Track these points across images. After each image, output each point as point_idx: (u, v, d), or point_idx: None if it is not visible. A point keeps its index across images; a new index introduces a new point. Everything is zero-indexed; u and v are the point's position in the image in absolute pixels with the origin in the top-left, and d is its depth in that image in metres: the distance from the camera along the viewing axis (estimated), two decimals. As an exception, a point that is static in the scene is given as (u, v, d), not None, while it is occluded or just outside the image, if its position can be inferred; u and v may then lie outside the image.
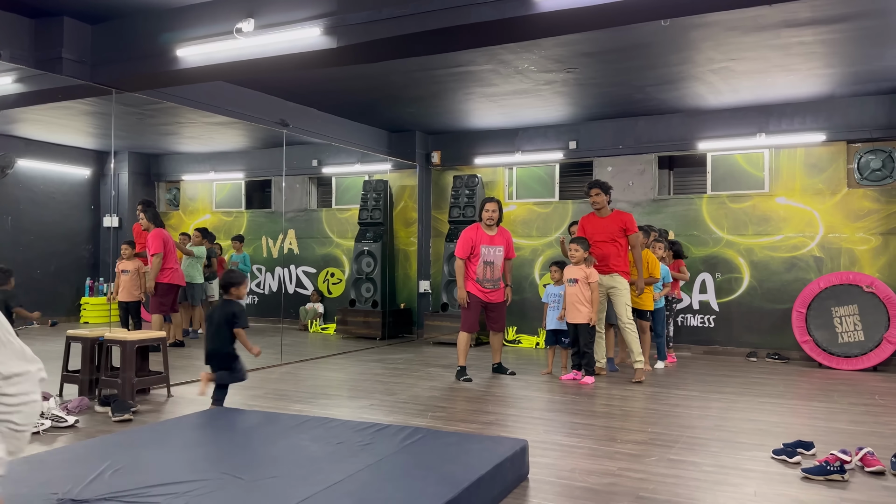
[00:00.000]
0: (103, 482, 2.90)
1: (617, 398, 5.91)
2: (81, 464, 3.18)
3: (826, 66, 6.76)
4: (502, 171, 10.14)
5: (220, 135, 10.17)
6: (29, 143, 8.98)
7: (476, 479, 3.01)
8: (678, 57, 6.49)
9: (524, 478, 3.64)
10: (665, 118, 8.90)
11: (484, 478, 3.09)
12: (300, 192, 11.46)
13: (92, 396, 5.54)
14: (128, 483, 2.89)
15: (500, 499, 3.30)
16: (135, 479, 2.94)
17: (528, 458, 3.72)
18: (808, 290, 7.95)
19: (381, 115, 9.25)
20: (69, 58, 5.87)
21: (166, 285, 7.93)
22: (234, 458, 3.31)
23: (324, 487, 2.84)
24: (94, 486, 2.86)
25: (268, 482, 2.93)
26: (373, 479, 3.00)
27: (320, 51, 5.18)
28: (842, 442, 4.43)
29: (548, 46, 6.22)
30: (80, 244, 9.67)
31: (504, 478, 3.36)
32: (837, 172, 8.20)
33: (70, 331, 6.15)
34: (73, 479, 2.93)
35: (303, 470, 3.09)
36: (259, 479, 2.96)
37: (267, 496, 2.77)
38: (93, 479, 2.94)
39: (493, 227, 6.88)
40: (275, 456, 3.33)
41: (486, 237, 6.82)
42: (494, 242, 6.84)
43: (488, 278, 6.80)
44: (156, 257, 7.69)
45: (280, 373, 7.09)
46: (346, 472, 3.07)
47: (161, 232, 7.86)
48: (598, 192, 6.83)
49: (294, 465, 3.18)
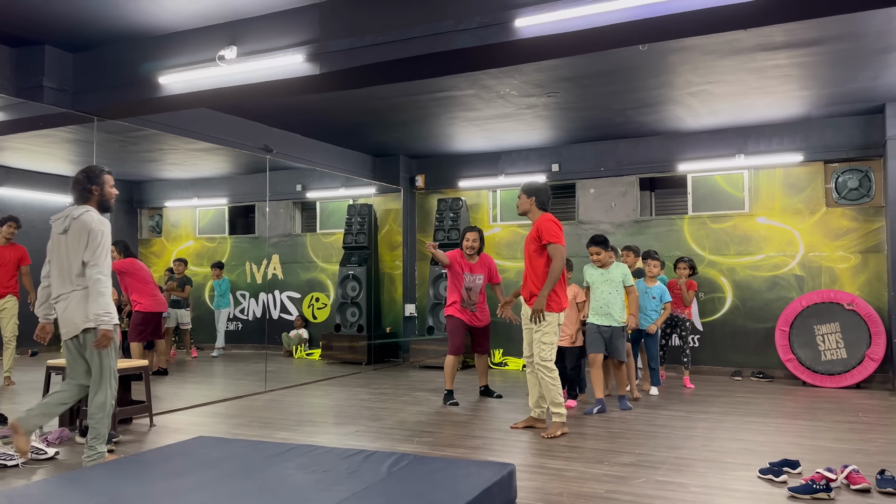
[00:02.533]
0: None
1: (604, 420, 5.90)
2: (62, 497, 3.11)
3: (801, 88, 6.89)
4: (486, 193, 10.20)
5: (203, 161, 10.15)
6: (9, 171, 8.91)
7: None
8: (657, 81, 6.60)
9: (512, 503, 3.61)
10: (645, 140, 9.01)
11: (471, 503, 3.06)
12: (284, 217, 11.44)
13: (73, 427, 5.45)
14: None
15: None
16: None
17: (515, 483, 3.69)
18: (791, 308, 8.02)
19: (364, 139, 9.29)
20: (50, 86, 5.85)
21: (147, 313, 7.89)
22: (217, 489, 3.25)
23: None
24: None
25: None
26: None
27: (303, 77, 5.21)
28: (827, 460, 4.45)
29: (529, 72, 6.30)
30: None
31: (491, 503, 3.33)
32: (816, 192, 8.32)
33: (50, 361, 6.06)
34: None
35: (288, 500, 3.04)
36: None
37: None
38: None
39: (473, 255, 6.91)
40: (259, 486, 3.28)
41: (467, 265, 6.88)
42: (475, 271, 6.89)
43: (469, 302, 6.87)
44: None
45: (264, 400, 7.02)
46: (332, 500, 3.02)
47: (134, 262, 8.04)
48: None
49: (279, 494, 3.13)
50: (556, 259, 5.20)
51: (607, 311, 6.28)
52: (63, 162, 9.13)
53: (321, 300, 11.08)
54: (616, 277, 6.36)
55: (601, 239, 6.40)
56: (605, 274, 6.36)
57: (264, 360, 8.58)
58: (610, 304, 6.28)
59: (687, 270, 7.63)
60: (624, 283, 6.41)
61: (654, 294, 7.16)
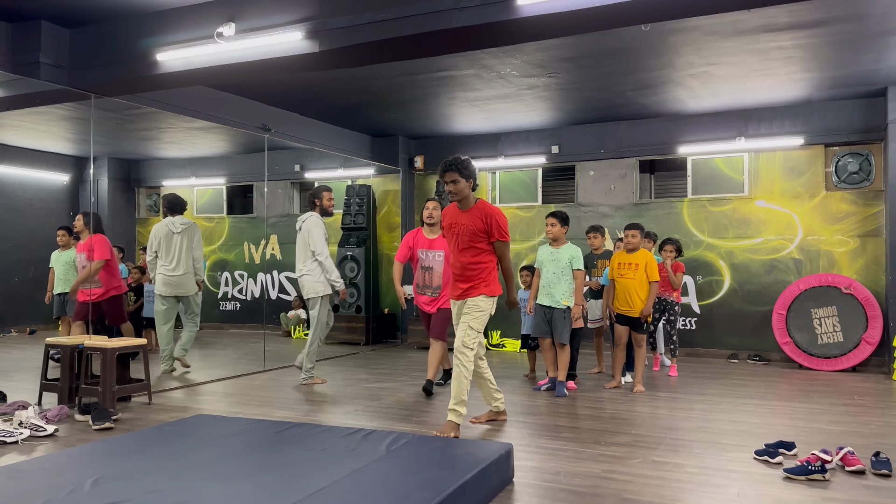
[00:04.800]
0: (84, 493, 2.86)
1: (600, 401, 5.93)
2: (62, 474, 3.13)
3: (804, 71, 6.85)
4: (485, 175, 10.16)
5: (200, 140, 10.10)
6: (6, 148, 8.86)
7: (461, 484, 3.00)
8: (658, 62, 6.55)
9: (509, 481, 3.64)
10: (646, 122, 8.97)
11: (469, 482, 3.08)
12: (282, 198, 11.40)
13: (72, 405, 5.47)
14: (109, 493, 2.84)
15: (485, 503, 3.29)
16: (117, 489, 2.90)
17: (513, 462, 3.72)
18: (788, 291, 8.03)
19: (363, 119, 9.24)
20: (47, 62, 5.80)
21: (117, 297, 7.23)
22: (216, 466, 3.27)
23: (308, 494, 2.81)
24: (74, 496, 2.81)
25: (251, 489, 2.90)
26: (358, 485, 2.98)
27: (302, 55, 5.16)
28: (822, 442, 4.48)
29: (530, 51, 6.25)
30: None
31: (489, 482, 3.35)
32: (816, 175, 8.30)
33: (49, 339, 6.07)
34: (54, 489, 2.89)
35: (287, 477, 3.07)
36: (242, 487, 2.94)
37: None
38: (73, 489, 2.89)
39: (434, 228, 6.22)
40: (259, 463, 3.30)
41: (425, 240, 6.22)
42: (434, 247, 6.17)
43: (427, 285, 6.22)
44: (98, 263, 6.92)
45: (263, 379, 7.03)
46: (331, 478, 3.05)
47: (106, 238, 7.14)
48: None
49: (278, 472, 3.15)
50: (508, 258, 4.71)
51: (549, 292, 6.15)
52: (60, 140, 9.08)
53: (319, 281, 11.07)
54: (563, 258, 6.14)
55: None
56: (554, 253, 6.19)
57: (263, 340, 8.59)
58: (552, 285, 6.14)
59: (673, 253, 7.31)
60: (572, 265, 6.12)
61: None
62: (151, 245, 7.26)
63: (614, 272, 6.48)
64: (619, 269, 6.43)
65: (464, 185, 4.59)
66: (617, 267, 6.46)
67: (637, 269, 6.34)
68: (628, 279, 6.36)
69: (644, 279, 6.31)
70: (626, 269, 6.39)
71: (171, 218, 7.31)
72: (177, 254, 7.17)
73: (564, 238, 6.26)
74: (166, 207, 7.37)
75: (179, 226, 7.26)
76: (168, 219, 7.31)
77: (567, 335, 6.14)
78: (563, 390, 6.12)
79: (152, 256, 7.24)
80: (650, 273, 6.31)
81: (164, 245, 7.20)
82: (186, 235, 7.26)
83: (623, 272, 6.40)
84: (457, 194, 4.60)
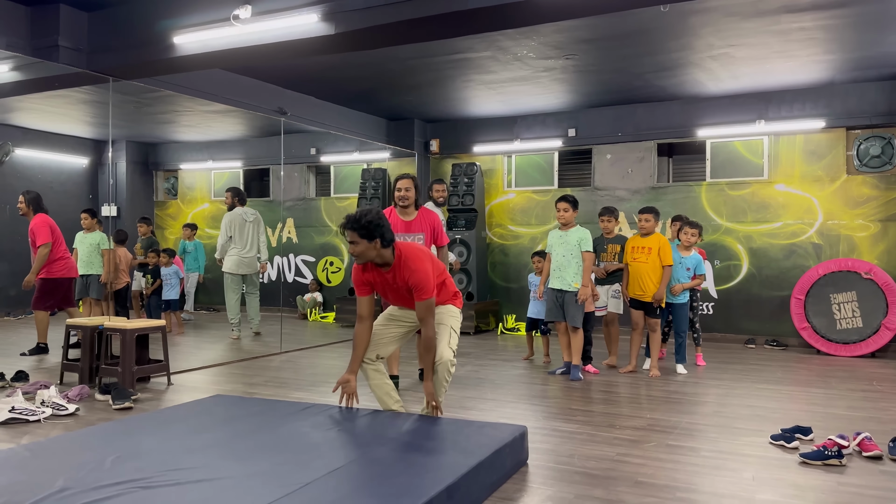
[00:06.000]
0: (104, 470, 2.90)
1: (615, 385, 5.92)
2: (82, 452, 3.19)
3: (826, 52, 6.73)
4: (501, 158, 10.13)
5: (217, 123, 10.13)
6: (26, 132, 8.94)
7: (475, 465, 3.01)
8: (677, 43, 6.47)
9: (523, 463, 3.65)
10: (664, 105, 8.88)
11: (483, 464, 3.08)
12: (298, 181, 11.44)
13: (92, 385, 5.55)
14: (129, 470, 2.89)
15: (499, 484, 3.31)
16: (136, 467, 2.94)
17: (527, 444, 3.73)
18: (807, 276, 7.95)
19: (379, 103, 9.22)
20: (65, 45, 5.84)
21: (55, 280, 6.77)
22: (233, 445, 3.31)
23: (324, 473, 2.85)
24: (95, 473, 2.86)
25: (268, 468, 2.94)
26: (372, 464, 3.01)
27: (318, 37, 5.16)
28: (840, 427, 4.45)
29: (547, 33, 6.19)
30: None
31: (503, 464, 3.36)
32: (837, 159, 8.18)
33: (69, 320, 6.16)
34: (75, 466, 2.94)
35: (303, 456, 3.10)
36: (259, 466, 2.97)
37: (267, 482, 2.77)
38: (93, 467, 2.94)
39: (408, 209, 5.56)
40: (275, 443, 3.34)
41: (400, 223, 5.50)
42: (411, 229, 5.51)
43: None
44: (44, 247, 6.65)
45: (280, 361, 7.10)
46: (347, 458, 3.08)
47: (46, 218, 6.80)
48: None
49: (294, 451, 3.18)
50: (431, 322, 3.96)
51: (560, 275, 6.15)
52: (79, 123, 9.14)
53: (335, 264, 11.13)
54: (572, 240, 6.11)
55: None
56: (563, 237, 6.19)
57: (279, 322, 8.66)
58: (563, 268, 6.13)
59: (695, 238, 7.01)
60: (580, 247, 6.08)
61: (689, 265, 6.58)
62: (227, 230, 8.38)
63: (628, 256, 6.45)
64: (633, 253, 6.40)
65: (366, 247, 3.77)
66: (630, 251, 6.43)
67: (650, 254, 6.29)
68: (641, 263, 6.33)
69: (657, 263, 6.27)
70: (639, 253, 6.35)
71: (242, 208, 8.54)
72: (249, 239, 8.49)
73: (574, 221, 6.25)
74: (236, 198, 8.54)
75: (251, 215, 8.56)
76: (240, 209, 8.51)
77: (580, 318, 6.13)
78: (578, 374, 6.12)
79: (226, 240, 8.39)
80: (664, 257, 6.26)
81: (238, 231, 8.41)
82: (255, 224, 8.60)
83: (636, 256, 6.36)
84: (359, 257, 3.84)
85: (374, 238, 3.77)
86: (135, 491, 2.67)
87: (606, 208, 6.81)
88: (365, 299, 4.06)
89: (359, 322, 4.06)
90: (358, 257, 3.85)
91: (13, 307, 8.47)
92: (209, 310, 11.09)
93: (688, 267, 6.59)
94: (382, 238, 3.79)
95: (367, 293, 4.06)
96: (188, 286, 9.98)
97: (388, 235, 3.82)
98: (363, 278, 4.02)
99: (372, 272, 3.99)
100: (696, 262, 6.63)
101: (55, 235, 6.81)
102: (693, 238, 6.66)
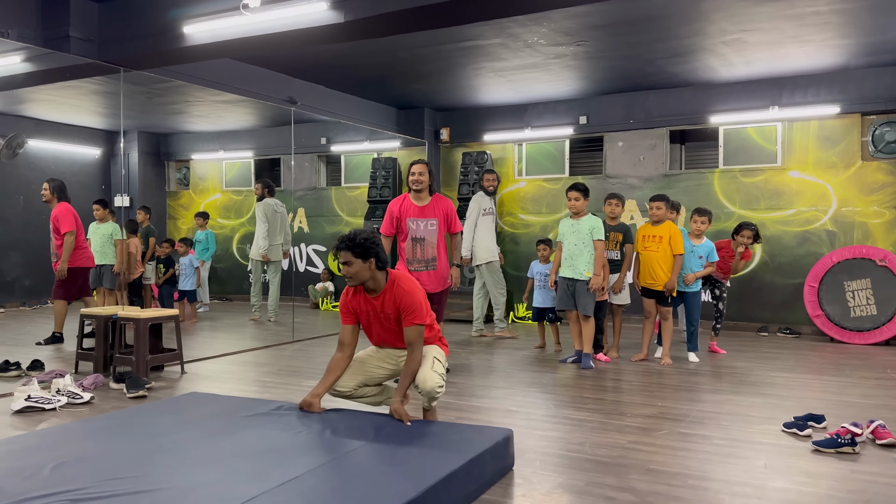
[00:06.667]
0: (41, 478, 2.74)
1: (626, 373, 5.91)
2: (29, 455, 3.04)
3: (841, 37, 6.64)
4: (511, 147, 10.09)
5: (228, 113, 10.15)
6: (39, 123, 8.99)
7: (446, 475, 2.77)
8: (690, 29, 6.40)
9: (508, 470, 3.39)
10: (676, 92, 8.80)
11: (457, 473, 2.85)
12: (309, 171, 11.45)
13: (107, 373, 5.61)
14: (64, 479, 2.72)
15: (476, 495, 3.05)
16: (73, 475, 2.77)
17: (512, 449, 3.47)
18: (821, 264, 7.89)
19: (389, 91, 9.20)
20: (76, 36, 5.85)
21: (75, 269, 6.86)
22: (188, 451, 3.10)
23: (276, 485, 2.63)
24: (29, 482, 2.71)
25: (217, 478, 2.73)
26: (333, 474, 2.78)
27: (327, 25, 5.14)
28: (853, 415, 4.42)
29: (557, 19, 6.14)
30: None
31: (482, 472, 3.11)
32: (851, 145, 8.09)
33: (84, 309, 6.22)
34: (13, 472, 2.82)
35: (260, 464, 2.88)
36: (210, 475, 2.76)
37: (210, 496, 2.54)
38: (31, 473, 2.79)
39: (422, 195, 5.57)
40: (233, 448, 3.12)
41: (415, 208, 5.53)
42: (425, 215, 5.54)
43: (418, 258, 5.54)
44: (69, 235, 6.74)
45: (292, 350, 7.14)
46: (307, 466, 2.85)
47: (69, 207, 6.88)
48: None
49: (251, 458, 2.97)
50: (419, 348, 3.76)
51: (571, 264, 6.14)
52: (91, 114, 9.18)
53: (346, 253, 11.14)
54: (584, 229, 6.10)
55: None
56: (575, 225, 6.18)
57: (291, 312, 8.70)
58: (575, 257, 6.12)
59: (749, 240, 6.72)
60: (592, 235, 6.08)
61: (701, 253, 6.47)
62: (264, 219, 9.01)
63: (639, 245, 6.41)
64: (644, 242, 6.36)
65: (360, 267, 3.66)
66: (641, 239, 6.40)
67: (661, 242, 6.26)
68: (651, 252, 6.29)
69: (668, 252, 6.24)
70: (650, 242, 6.32)
71: (272, 199, 9.14)
72: (279, 228, 9.15)
73: (585, 210, 6.22)
74: (266, 189, 9.13)
75: (280, 207, 9.20)
76: (270, 199, 9.11)
77: (591, 307, 6.11)
78: (590, 362, 6.11)
79: (265, 228, 9.00)
80: (674, 246, 6.22)
81: (271, 220, 9.03)
82: (282, 215, 9.24)
83: (647, 244, 6.33)
84: (353, 279, 3.72)
85: (368, 257, 3.64)
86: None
87: (614, 194, 6.71)
88: (348, 328, 3.86)
89: (338, 349, 3.85)
90: (351, 279, 3.70)
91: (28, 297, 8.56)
92: (222, 299, 11.16)
93: (700, 255, 6.49)
94: (377, 258, 3.67)
95: (351, 322, 3.87)
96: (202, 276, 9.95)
97: (382, 256, 3.70)
98: (350, 306, 3.85)
99: (360, 298, 3.81)
100: (708, 250, 6.53)
101: (77, 224, 6.91)
102: (703, 226, 6.55)
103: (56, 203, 6.90)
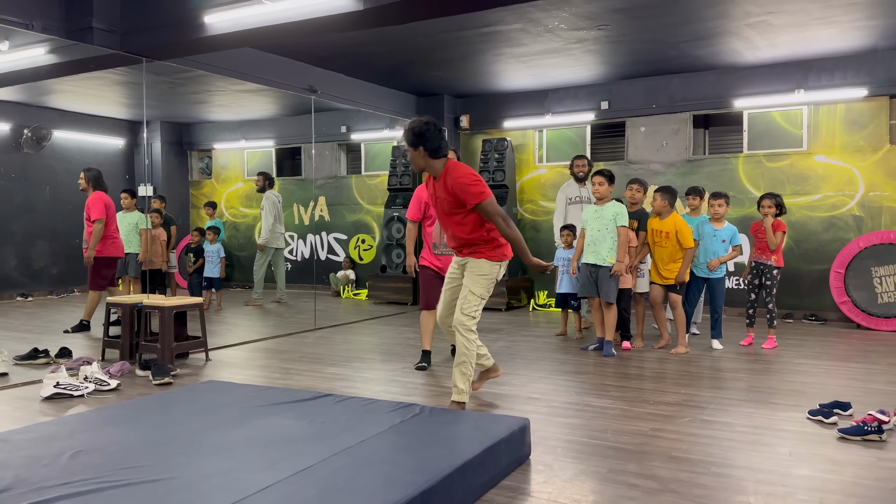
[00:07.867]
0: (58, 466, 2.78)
1: (648, 360, 5.88)
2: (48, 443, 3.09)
3: (868, 18, 6.50)
4: (532, 133, 10.03)
5: (249, 102, 10.20)
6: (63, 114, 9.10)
7: (460, 465, 2.76)
8: (714, 11, 6.30)
9: (525, 459, 3.37)
10: (700, 75, 8.68)
11: (471, 463, 2.83)
12: (329, 159, 11.48)
13: (133, 361, 5.69)
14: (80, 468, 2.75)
15: (491, 484, 3.02)
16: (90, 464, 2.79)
17: (529, 438, 3.44)
18: (847, 250, 7.77)
19: (408, 79, 9.18)
20: (99, 27, 5.90)
21: (107, 258, 7.00)
22: (202, 440, 3.12)
23: (290, 474, 2.63)
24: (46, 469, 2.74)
25: (230, 468, 2.74)
26: (346, 464, 2.77)
27: (347, 13, 5.14)
28: (880, 402, 4.37)
29: (578, 3, 6.07)
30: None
31: (497, 462, 3.07)
32: (879, 129, 7.93)
33: (110, 298, 6.31)
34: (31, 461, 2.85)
35: (274, 453, 2.89)
36: (223, 464, 2.77)
37: (223, 486, 2.55)
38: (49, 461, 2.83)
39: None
40: (247, 437, 3.13)
41: None
42: None
43: (445, 242, 5.47)
44: (98, 223, 6.88)
45: (314, 337, 7.19)
46: (321, 455, 2.85)
47: (103, 196, 7.02)
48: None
49: (265, 447, 2.98)
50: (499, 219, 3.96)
51: (594, 250, 6.09)
52: (114, 104, 9.28)
53: (367, 242, 11.19)
54: (607, 215, 6.05)
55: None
56: (598, 211, 6.12)
57: (313, 300, 8.76)
58: (598, 242, 6.07)
59: (773, 209, 6.38)
60: (616, 221, 6.02)
61: (724, 237, 6.36)
62: (272, 209, 9.61)
63: (650, 237, 6.37)
64: (654, 236, 6.33)
65: (414, 155, 3.97)
66: (651, 233, 6.36)
67: (668, 238, 6.18)
68: (661, 247, 6.24)
69: (676, 248, 6.18)
70: (658, 237, 6.27)
71: (274, 190, 9.84)
72: (279, 217, 9.87)
73: (609, 196, 6.16)
74: (267, 181, 9.70)
75: (279, 197, 9.86)
76: (269, 191, 9.73)
77: (614, 294, 6.07)
78: (611, 350, 6.08)
79: (274, 218, 9.64)
80: (683, 240, 6.14)
81: (278, 210, 9.72)
82: (281, 204, 9.93)
83: (657, 239, 6.28)
84: (414, 166, 4.07)
85: (418, 145, 3.93)
86: (76, 495, 2.47)
87: (637, 179, 6.64)
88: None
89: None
90: (414, 166, 4.08)
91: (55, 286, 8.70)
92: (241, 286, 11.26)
93: (723, 239, 6.38)
94: (425, 146, 3.93)
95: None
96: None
97: (432, 145, 3.94)
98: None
99: (429, 181, 4.15)
100: (731, 234, 6.41)
101: (109, 213, 7.04)
102: (721, 209, 6.41)
103: (91, 191, 7.07)
